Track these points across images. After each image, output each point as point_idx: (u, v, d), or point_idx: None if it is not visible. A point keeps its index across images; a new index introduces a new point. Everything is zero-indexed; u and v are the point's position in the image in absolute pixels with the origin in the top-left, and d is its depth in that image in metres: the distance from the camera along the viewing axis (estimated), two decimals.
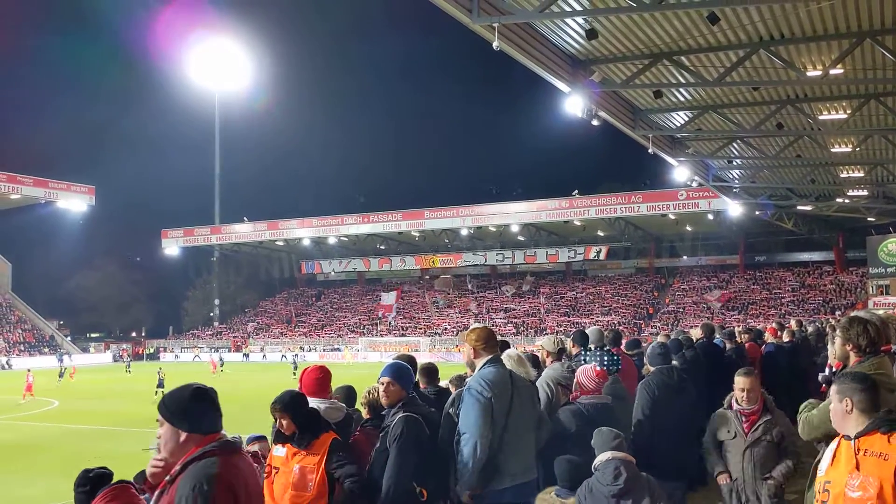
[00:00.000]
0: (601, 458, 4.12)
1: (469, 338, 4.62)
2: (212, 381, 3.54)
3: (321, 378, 4.79)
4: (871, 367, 3.88)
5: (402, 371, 4.61)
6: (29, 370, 34.60)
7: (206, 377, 39.46)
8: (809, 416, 4.21)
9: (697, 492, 6.38)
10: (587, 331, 7.32)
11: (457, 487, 4.33)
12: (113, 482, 4.02)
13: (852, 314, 4.60)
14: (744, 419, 5.37)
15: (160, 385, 31.44)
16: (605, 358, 6.34)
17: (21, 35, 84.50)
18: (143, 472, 5.78)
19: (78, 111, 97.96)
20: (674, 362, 6.53)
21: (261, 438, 6.47)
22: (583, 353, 6.79)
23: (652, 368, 6.16)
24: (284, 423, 4.22)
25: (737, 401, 5.38)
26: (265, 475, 4.26)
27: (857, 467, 3.06)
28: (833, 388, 3.37)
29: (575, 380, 5.37)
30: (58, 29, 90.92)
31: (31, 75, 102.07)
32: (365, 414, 5.04)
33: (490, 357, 4.55)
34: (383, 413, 4.59)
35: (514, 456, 4.39)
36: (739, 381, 5.36)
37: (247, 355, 61.73)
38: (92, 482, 3.85)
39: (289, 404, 4.24)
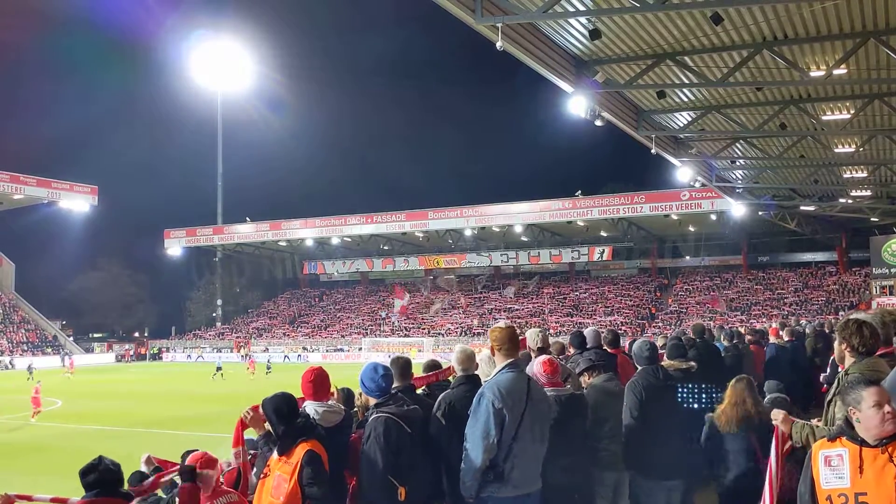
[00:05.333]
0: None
1: (491, 336, 4.57)
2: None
3: (314, 381, 4.52)
4: (866, 368, 3.80)
5: (361, 376, 4.55)
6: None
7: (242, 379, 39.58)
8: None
9: (698, 492, 6.36)
10: (585, 332, 7.33)
11: (459, 489, 4.34)
12: (113, 492, 3.99)
13: (849, 315, 4.51)
14: None
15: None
16: None
17: (23, 35, 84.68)
18: (136, 472, 5.77)
19: (80, 111, 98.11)
20: (692, 363, 6.56)
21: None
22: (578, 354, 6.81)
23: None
24: (266, 424, 4.15)
25: None
26: (262, 476, 4.23)
27: None
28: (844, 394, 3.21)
29: None
30: (60, 29, 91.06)
31: (33, 75, 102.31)
32: (360, 416, 5.01)
33: (509, 362, 4.46)
34: None
35: (519, 466, 4.35)
36: None
37: (247, 356, 61.64)
38: (99, 475, 3.81)
39: (266, 404, 4.16)
